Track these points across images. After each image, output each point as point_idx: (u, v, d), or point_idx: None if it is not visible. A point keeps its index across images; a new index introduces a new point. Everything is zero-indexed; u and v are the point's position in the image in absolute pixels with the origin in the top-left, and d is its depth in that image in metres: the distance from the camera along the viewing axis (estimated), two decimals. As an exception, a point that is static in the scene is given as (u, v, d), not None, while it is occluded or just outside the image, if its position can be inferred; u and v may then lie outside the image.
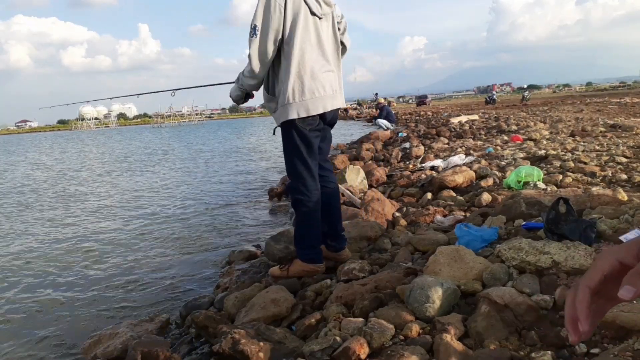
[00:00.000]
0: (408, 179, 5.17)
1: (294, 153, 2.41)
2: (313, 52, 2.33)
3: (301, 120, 2.34)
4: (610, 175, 3.80)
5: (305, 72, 2.30)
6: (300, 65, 2.29)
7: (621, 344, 1.35)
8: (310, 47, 2.32)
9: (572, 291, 0.56)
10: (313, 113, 2.33)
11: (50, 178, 11.04)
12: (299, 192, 2.44)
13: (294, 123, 2.34)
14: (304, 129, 2.36)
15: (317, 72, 2.34)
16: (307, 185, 2.44)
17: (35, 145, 33.74)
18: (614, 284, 0.52)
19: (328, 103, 2.39)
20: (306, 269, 2.59)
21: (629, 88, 54.10)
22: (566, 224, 2.00)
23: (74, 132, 75.08)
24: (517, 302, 1.58)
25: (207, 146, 19.94)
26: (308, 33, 2.31)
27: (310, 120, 2.36)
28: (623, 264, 0.52)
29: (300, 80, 2.29)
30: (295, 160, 2.42)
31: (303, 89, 2.29)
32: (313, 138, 2.42)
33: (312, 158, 2.44)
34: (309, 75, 2.31)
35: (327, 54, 2.40)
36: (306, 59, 2.30)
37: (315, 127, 2.41)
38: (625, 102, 17.04)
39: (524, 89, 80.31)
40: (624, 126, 7.26)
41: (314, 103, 2.33)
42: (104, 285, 3.41)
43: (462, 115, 17.06)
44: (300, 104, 2.31)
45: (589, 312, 0.52)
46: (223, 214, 5.57)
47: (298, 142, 2.38)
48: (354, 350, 1.53)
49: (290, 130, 2.38)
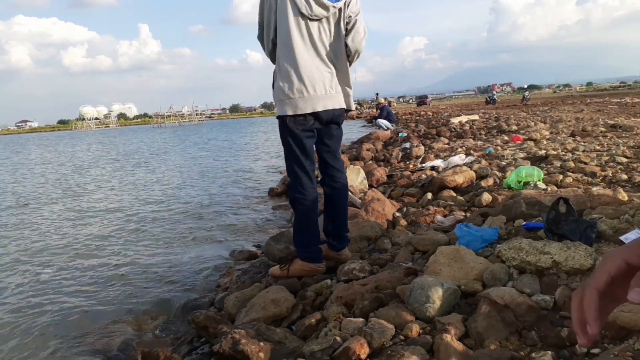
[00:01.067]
0: (408, 179, 5.17)
1: (288, 151, 2.47)
2: (304, 53, 2.35)
3: (292, 119, 2.38)
4: (610, 175, 3.80)
5: (294, 71, 2.34)
6: (289, 64, 2.35)
7: (621, 344, 1.35)
8: (299, 47, 2.34)
9: (578, 293, 0.56)
10: (300, 112, 2.36)
11: (61, 175, 11.04)
12: (295, 190, 2.48)
13: (285, 120, 2.40)
14: (295, 128, 2.40)
15: (306, 72, 2.35)
16: (303, 183, 2.46)
17: (43, 145, 33.70)
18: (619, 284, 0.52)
19: (319, 103, 2.39)
20: (306, 269, 2.60)
21: (629, 88, 54.10)
22: (566, 224, 2.00)
23: (74, 132, 75.09)
24: (517, 302, 1.58)
25: (207, 145, 19.95)
26: (296, 33, 2.34)
27: (302, 120, 2.38)
28: (629, 265, 0.52)
29: (289, 78, 2.35)
30: (290, 158, 2.47)
31: (292, 88, 2.34)
32: (305, 138, 2.43)
33: (305, 157, 2.45)
34: (297, 74, 2.34)
35: (321, 54, 2.41)
36: (297, 59, 2.34)
37: (308, 127, 2.42)
38: (625, 102, 17.03)
39: (524, 89, 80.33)
40: (624, 126, 7.26)
41: (302, 102, 2.35)
42: (103, 284, 3.41)
43: (462, 115, 17.06)
44: (289, 102, 2.36)
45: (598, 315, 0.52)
46: (223, 214, 5.56)
47: (290, 140, 2.43)
48: (354, 350, 1.53)
49: (283, 127, 2.44)
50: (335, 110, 2.48)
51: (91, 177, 10.86)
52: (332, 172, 2.63)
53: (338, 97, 2.48)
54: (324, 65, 2.42)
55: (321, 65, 2.40)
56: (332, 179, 2.63)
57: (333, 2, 2.39)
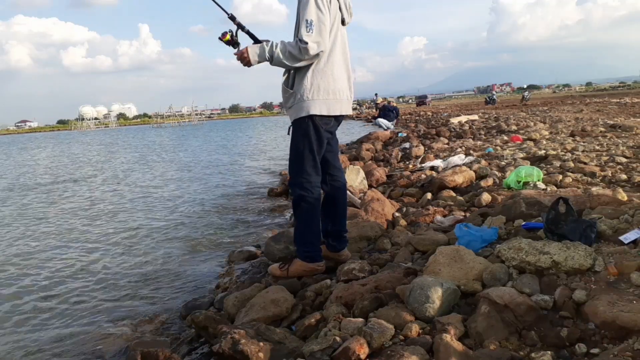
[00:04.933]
0: (408, 179, 5.17)
1: (306, 148, 2.47)
2: (339, 57, 2.48)
3: (320, 117, 2.44)
4: (610, 176, 3.80)
5: (332, 74, 2.44)
6: (328, 66, 2.42)
7: (621, 344, 1.35)
8: (337, 52, 2.46)
9: None
10: (333, 113, 2.47)
11: (62, 169, 11.04)
12: (302, 188, 2.49)
13: (313, 119, 2.43)
14: (321, 126, 2.45)
15: (340, 76, 2.48)
16: (311, 180, 2.49)
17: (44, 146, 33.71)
18: None
19: (344, 107, 2.53)
20: (306, 269, 2.60)
21: (628, 88, 54.15)
22: (566, 224, 2.00)
23: (74, 132, 75.08)
24: (517, 303, 1.58)
25: (207, 145, 19.94)
26: (337, 38, 2.46)
27: (327, 119, 2.48)
28: None
29: (326, 80, 2.42)
30: (304, 154, 2.48)
31: (328, 89, 2.42)
32: (326, 138, 2.53)
33: (319, 156, 2.52)
34: (334, 77, 2.44)
35: (347, 60, 2.56)
36: (335, 62, 2.45)
37: (330, 127, 2.53)
38: (625, 102, 17.05)
39: (524, 89, 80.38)
40: (624, 126, 7.27)
41: (334, 104, 2.46)
42: (103, 285, 3.41)
43: (462, 115, 17.08)
44: (323, 102, 2.42)
45: None
46: (223, 214, 5.56)
47: (313, 137, 2.45)
48: (354, 350, 1.53)
49: (307, 125, 2.44)
50: (347, 114, 2.64)
51: (90, 177, 10.85)
52: (333, 172, 2.67)
53: (350, 102, 2.62)
54: (347, 70, 2.56)
55: (346, 70, 2.54)
56: (334, 178, 2.67)
57: None
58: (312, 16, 2.29)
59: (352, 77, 2.60)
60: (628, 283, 1.61)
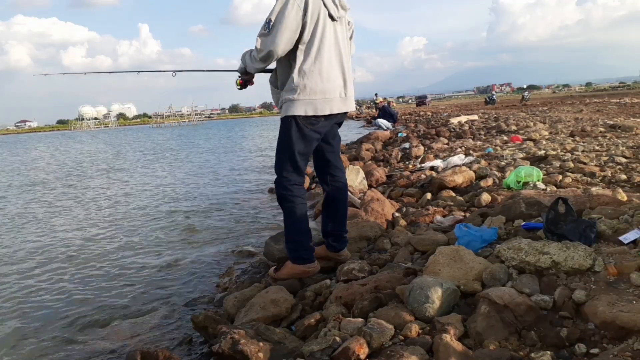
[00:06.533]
0: (408, 179, 5.17)
1: (286, 147, 2.42)
2: (330, 55, 2.37)
3: (304, 118, 2.36)
4: (609, 176, 3.80)
5: (320, 72, 2.33)
6: (316, 65, 2.32)
7: (621, 344, 1.35)
8: (327, 49, 2.35)
9: None
10: (320, 113, 2.36)
11: (64, 174, 11.04)
12: (283, 187, 2.45)
13: (297, 119, 2.36)
14: (305, 127, 2.38)
15: (331, 75, 2.37)
16: (291, 179, 2.44)
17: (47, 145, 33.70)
18: None
19: (336, 106, 2.42)
20: (295, 271, 2.55)
21: (628, 88, 54.16)
22: (566, 224, 2.00)
23: (75, 132, 75.08)
24: (516, 303, 1.58)
25: (207, 145, 19.94)
26: (327, 35, 2.35)
27: (313, 120, 2.38)
28: None
29: (313, 80, 2.32)
30: (285, 154, 2.43)
31: (315, 89, 2.33)
32: (313, 139, 2.44)
33: (303, 156, 2.45)
34: (322, 77, 2.34)
35: (342, 57, 2.44)
36: (323, 61, 2.34)
37: (318, 128, 2.42)
38: (624, 102, 17.05)
39: (523, 89, 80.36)
40: (624, 126, 7.27)
41: (322, 104, 2.36)
42: (102, 285, 3.41)
43: (461, 115, 17.07)
44: (309, 102, 2.33)
45: None
46: (222, 213, 5.56)
47: (295, 138, 2.38)
48: (354, 350, 1.53)
49: (290, 125, 2.38)
50: (344, 113, 2.52)
51: (89, 177, 10.85)
52: (334, 172, 2.64)
53: (350, 100, 2.52)
54: (343, 67, 2.44)
55: (341, 68, 2.43)
56: (334, 178, 2.64)
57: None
58: (271, 15, 2.24)
59: (350, 73, 2.51)
60: (628, 283, 1.61)
